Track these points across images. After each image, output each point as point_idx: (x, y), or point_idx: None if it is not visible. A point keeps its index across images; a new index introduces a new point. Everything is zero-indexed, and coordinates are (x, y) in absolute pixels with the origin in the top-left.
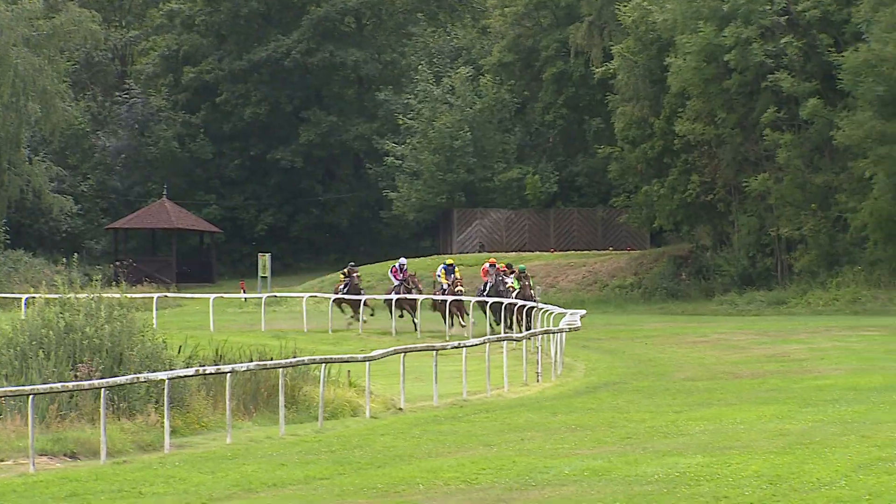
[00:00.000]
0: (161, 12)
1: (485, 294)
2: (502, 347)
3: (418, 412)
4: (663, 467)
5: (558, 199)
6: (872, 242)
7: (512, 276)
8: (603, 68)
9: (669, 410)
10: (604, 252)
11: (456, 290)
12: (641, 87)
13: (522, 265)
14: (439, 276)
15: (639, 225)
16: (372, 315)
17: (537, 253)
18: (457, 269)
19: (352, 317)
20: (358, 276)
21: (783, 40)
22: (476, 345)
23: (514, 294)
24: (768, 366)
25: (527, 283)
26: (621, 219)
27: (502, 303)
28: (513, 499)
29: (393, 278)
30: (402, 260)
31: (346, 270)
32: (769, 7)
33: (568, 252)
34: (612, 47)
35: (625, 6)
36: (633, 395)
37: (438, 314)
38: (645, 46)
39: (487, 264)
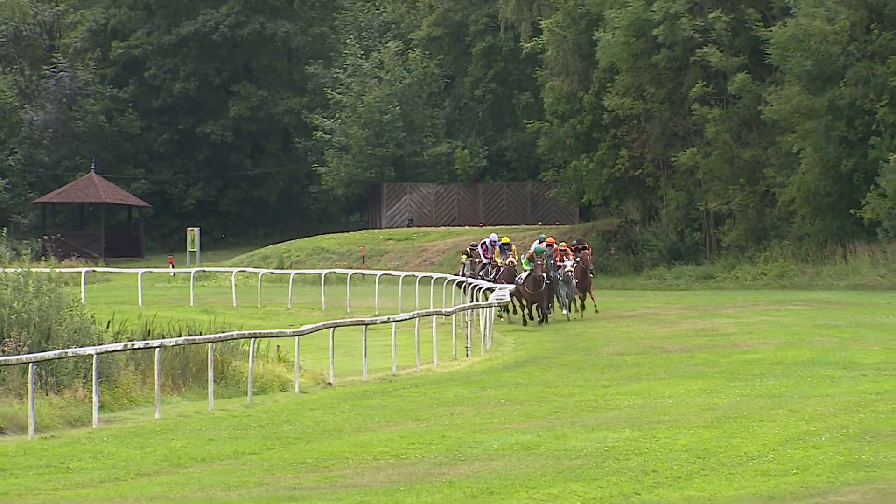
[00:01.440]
0: None
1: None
2: (432, 322)
3: (348, 387)
4: (592, 441)
5: (487, 173)
6: (800, 217)
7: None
8: (532, 43)
9: (598, 385)
10: (533, 226)
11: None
12: (570, 62)
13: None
14: (490, 255)
15: (568, 200)
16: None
17: (466, 227)
18: (513, 247)
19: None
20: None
21: (711, 15)
22: (405, 319)
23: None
24: (696, 340)
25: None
26: (550, 193)
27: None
28: (442, 473)
29: (482, 256)
30: (494, 236)
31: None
32: None
33: (497, 226)
34: (541, 22)
35: None
36: (562, 369)
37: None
38: (574, 21)
39: (500, 243)
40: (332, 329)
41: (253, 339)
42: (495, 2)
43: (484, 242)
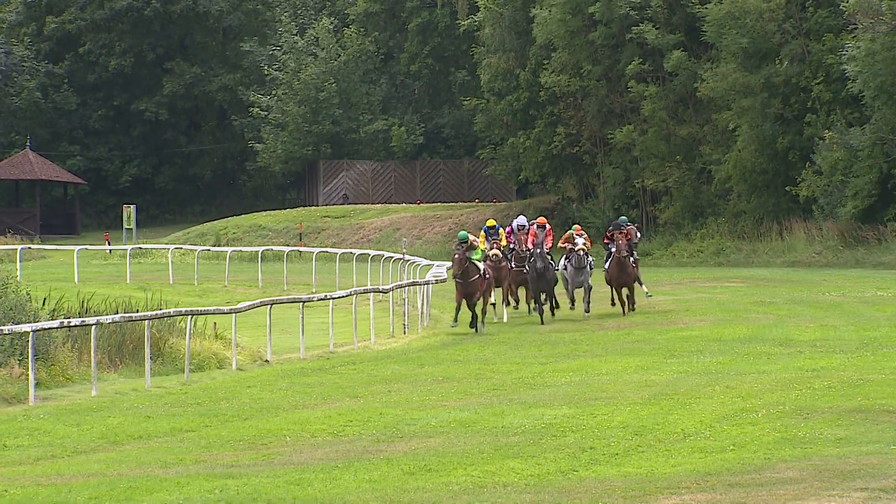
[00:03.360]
0: None
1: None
2: (369, 299)
3: (285, 364)
4: (529, 418)
5: (424, 150)
6: (736, 194)
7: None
8: (469, 20)
9: (535, 362)
10: (470, 204)
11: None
12: (507, 39)
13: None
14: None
15: (505, 177)
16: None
17: (404, 205)
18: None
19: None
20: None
21: None
22: (343, 297)
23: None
24: (633, 317)
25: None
26: (487, 171)
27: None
28: (380, 450)
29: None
30: (522, 219)
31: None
32: None
33: (434, 204)
34: None
35: None
36: (500, 346)
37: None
38: None
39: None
40: (269, 306)
41: (190, 317)
42: None
43: (510, 227)
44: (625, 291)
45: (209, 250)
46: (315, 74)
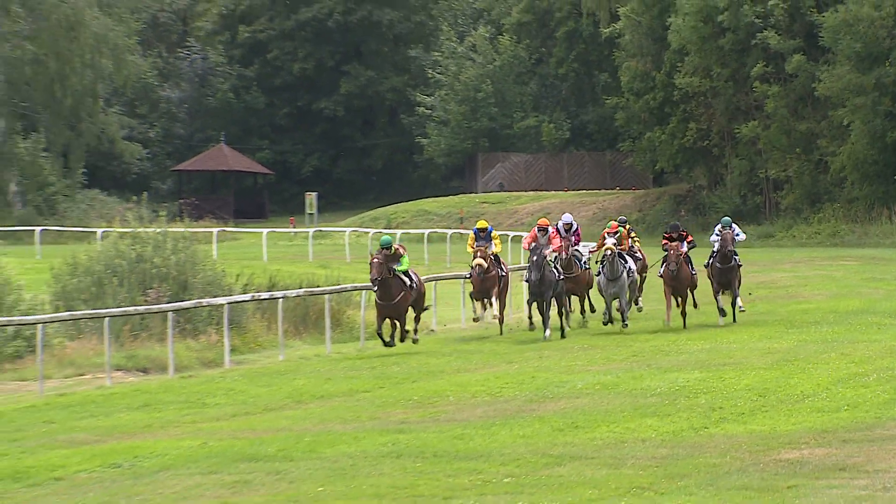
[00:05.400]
0: None
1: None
2: (522, 276)
3: (448, 333)
4: (665, 382)
5: (571, 144)
6: (850, 183)
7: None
8: (610, 28)
9: (669, 331)
10: (612, 191)
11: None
12: (645, 45)
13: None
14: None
15: (643, 167)
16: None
17: (553, 192)
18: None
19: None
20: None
21: (771, 2)
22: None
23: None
24: (758, 292)
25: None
26: (627, 162)
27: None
28: (532, 409)
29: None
30: (567, 217)
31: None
32: None
33: (580, 191)
34: (618, 9)
35: None
36: (639, 318)
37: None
38: (648, 8)
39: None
40: (434, 282)
41: (365, 291)
42: None
43: (555, 226)
44: (679, 299)
45: (381, 233)
46: (473, 77)
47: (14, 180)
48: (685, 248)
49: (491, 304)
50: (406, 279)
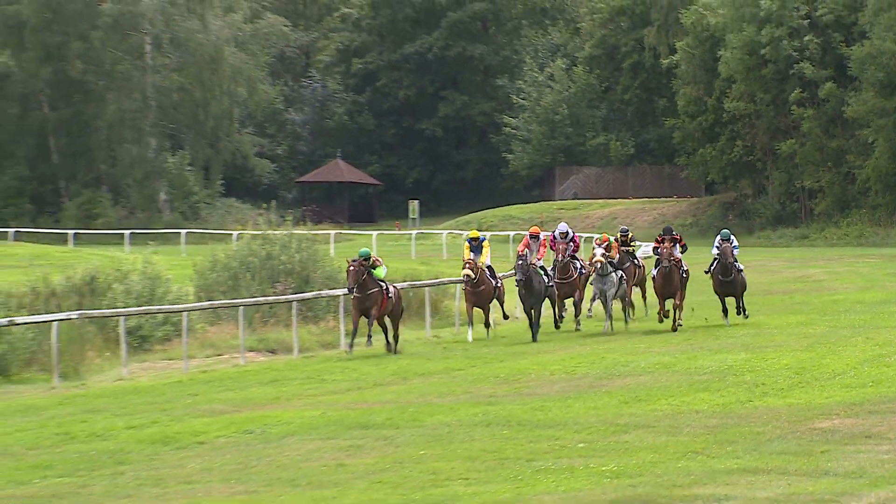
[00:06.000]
0: (337, 17)
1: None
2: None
3: (527, 321)
4: (716, 362)
5: (635, 159)
6: (874, 192)
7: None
8: (668, 60)
9: (719, 319)
10: (669, 199)
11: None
12: (698, 74)
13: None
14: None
15: (696, 178)
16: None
17: (619, 200)
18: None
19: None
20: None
21: (806, 38)
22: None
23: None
24: (795, 285)
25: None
26: (683, 174)
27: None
28: (602, 385)
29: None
30: (563, 226)
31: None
32: (795, 12)
33: (642, 199)
34: (675, 43)
35: (685, 12)
36: (691, 308)
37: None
38: (701, 42)
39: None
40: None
41: (458, 285)
42: (641, 29)
43: (551, 235)
44: (671, 302)
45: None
46: (552, 102)
47: (163, 190)
48: (678, 252)
49: (485, 315)
50: (383, 285)
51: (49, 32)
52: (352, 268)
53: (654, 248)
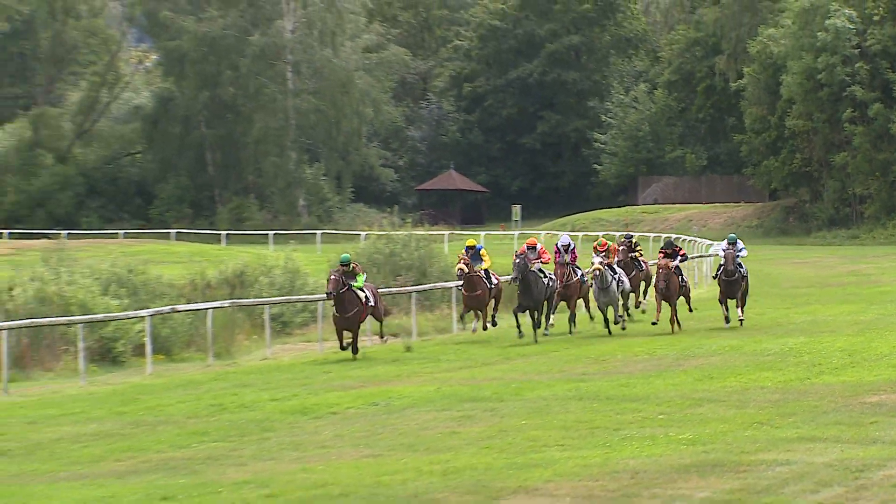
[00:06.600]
0: (450, 48)
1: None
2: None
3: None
4: (778, 345)
5: (707, 169)
6: None
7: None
8: (737, 83)
9: (781, 307)
10: (738, 204)
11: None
12: (762, 96)
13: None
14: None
15: (761, 186)
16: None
17: (693, 204)
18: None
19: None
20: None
21: (857, 65)
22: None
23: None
24: (847, 278)
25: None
26: (749, 182)
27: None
28: (679, 364)
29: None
30: (566, 238)
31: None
32: (848, 43)
33: (714, 204)
34: (743, 70)
35: (752, 42)
36: (758, 298)
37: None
38: (765, 69)
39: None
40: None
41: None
42: (713, 57)
43: (556, 245)
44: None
45: (572, 234)
46: (635, 120)
47: (302, 197)
48: (677, 262)
49: (481, 317)
50: (361, 294)
51: (205, 63)
52: (332, 276)
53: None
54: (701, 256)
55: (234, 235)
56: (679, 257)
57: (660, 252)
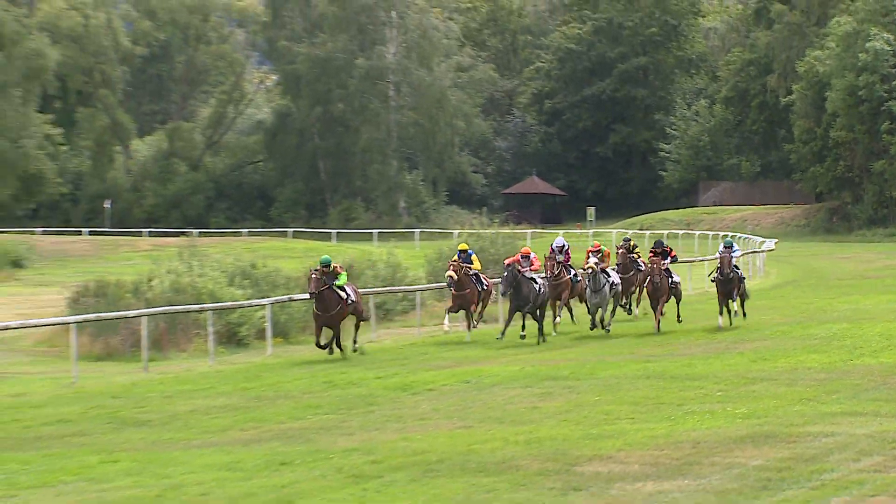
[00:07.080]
0: (532, 69)
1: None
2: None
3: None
4: (823, 329)
5: (760, 175)
6: None
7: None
8: (787, 99)
9: (826, 297)
10: (787, 206)
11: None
12: (810, 110)
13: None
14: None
15: (808, 190)
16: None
17: (748, 206)
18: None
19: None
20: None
21: (894, 83)
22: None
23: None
24: (885, 272)
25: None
26: (798, 186)
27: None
28: (735, 347)
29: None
30: (560, 240)
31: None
32: (886, 63)
33: (766, 206)
34: (792, 87)
35: (800, 62)
36: (805, 289)
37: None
38: (812, 86)
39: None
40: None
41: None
42: (765, 76)
43: (550, 246)
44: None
45: (636, 232)
46: (696, 132)
47: (402, 200)
48: (667, 262)
49: (470, 316)
50: (343, 294)
51: (318, 83)
52: (313, 275)
53: (650, 257)
54: (754, 252)
55: (343, 234)
56: (670, 258)
57: (650, 252)
